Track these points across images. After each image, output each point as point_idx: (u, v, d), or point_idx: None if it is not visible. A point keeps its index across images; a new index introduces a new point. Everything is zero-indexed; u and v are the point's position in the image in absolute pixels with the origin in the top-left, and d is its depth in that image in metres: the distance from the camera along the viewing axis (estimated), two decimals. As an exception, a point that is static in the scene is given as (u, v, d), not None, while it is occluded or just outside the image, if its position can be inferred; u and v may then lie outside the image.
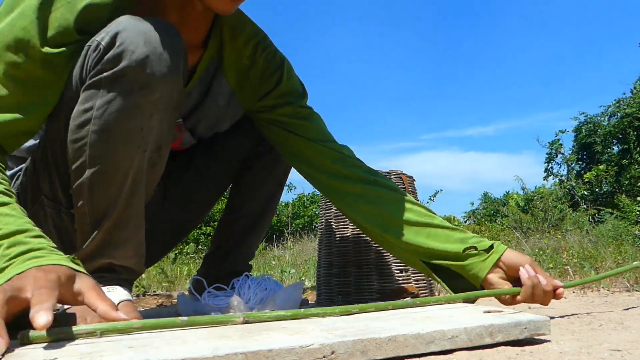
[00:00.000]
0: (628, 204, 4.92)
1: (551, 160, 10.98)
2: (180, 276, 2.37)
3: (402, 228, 0.88)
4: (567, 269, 1.79)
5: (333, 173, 0.93)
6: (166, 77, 0.68)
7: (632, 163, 8.75)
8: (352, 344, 0.50)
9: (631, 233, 3.24)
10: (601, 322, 0.84)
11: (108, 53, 0.65)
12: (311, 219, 8.31)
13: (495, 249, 0.84)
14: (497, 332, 0.60)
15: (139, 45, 0.65)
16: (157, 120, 0.70)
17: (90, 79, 0.67)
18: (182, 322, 0.56)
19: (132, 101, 0.67)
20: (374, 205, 0.91)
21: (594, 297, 1.29)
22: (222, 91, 0.93)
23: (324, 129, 0.98)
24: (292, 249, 4.12)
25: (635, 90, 9.95)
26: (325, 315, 0.65)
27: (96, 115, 0.66)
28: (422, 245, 0.87)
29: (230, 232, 1.13)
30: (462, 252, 0.84)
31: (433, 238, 0.87)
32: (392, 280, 1.29)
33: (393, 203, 0.90)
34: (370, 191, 0.92)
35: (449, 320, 0.61)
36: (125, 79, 0.66)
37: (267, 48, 0.93)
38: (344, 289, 1.31)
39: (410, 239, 0.87)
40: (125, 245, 0.74)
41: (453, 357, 0.59)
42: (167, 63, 0.67)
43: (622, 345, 0.62)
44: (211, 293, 0.95)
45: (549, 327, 0.64)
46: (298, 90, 0.97)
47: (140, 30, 0.66)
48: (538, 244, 3.25)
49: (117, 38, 0.65)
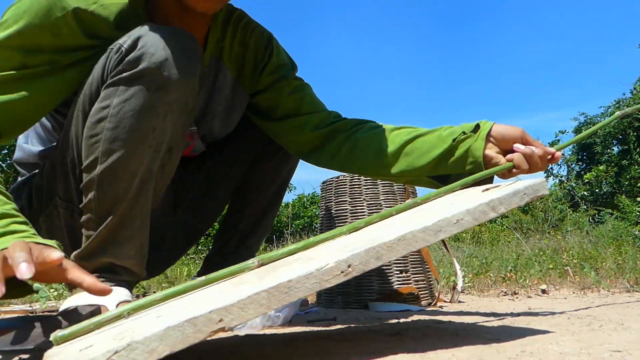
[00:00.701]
0: (628, 204, 4.92)
1: (551, 161, 10.97)
2: (180, 276, 2.37)
3: (399, 159, 0.88)
4: (567, 269, 1.79)
5: (322, 135, 0.95)
6: (182, 81, 0.70)
7: (632, 164, 8.75)
8: (364, 253, 0.52)
9: (631, 234, 3.24)
10: (601, 322, 0.84)
11: (129, 55, 0.69)
12: (311, 220, 8.31)
13: (482, 126, 0.82)
14: (498, 204, 0.60)
15: (159, 48, 0.69)
16: (171, 122, 0.73)
17: (111, 78, 0.70)
18: (200, 282, 0.56)
19: (148, 101, 0.69)
20: (364, 152, 0.92)
21: (594, 298, 1.29)
22: (226, 82, 0.96)
23: (315, 99, 0.99)
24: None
25: (635, 90, 9.96)
26: (335, 237, 0.65)
27: (112, 113, 0.69)
28: (423, 163, 0.86)
29: (231, 233, 1.13)
30: (454, 143, 0.83)
31: (427, 148, 0.86)
32: (392, 281, 1.29)
33: (380, 141, 0.90)
34: (355, 140, 0.92)
35: (451, 208, 0.61)
36: (143, 79, 0.69)
37: (254, 29, 0.96)
38: (344, 289, 1.31)
39: (411, 163, 0.87)
40: (127, 244, 0.74)
41: (453, 357, 0.59)
42: (184, 67, 0.70)
43: (623, 345, 0.62)
44: (211, 293, 0.95)
45: (546, 188, 0.64)
46: (287, 63, 0.99)
47: (160, 36, 0.69)
48: (538, 245, 3.25)
49: (138, 41, 0.69)
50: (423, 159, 0.86)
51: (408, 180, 0.93)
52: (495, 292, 1.59)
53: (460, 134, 0.83)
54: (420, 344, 0.69)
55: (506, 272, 1.86)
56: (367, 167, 0.92)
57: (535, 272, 1.84)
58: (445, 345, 0.67)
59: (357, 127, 0.94)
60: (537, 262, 2.09)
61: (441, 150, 0.83)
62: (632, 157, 8.74)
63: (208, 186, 1.10)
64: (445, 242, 1.43)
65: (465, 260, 2.39)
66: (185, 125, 0.77)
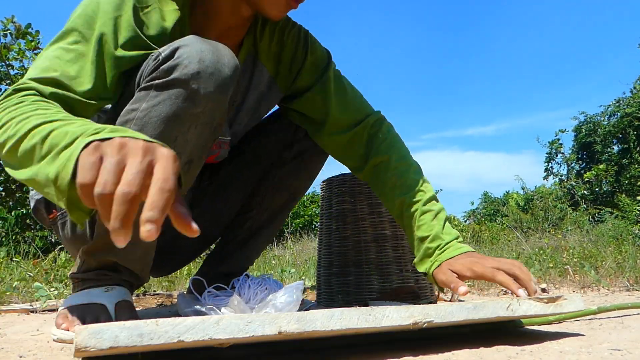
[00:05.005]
0: (628, 203, 4.93)
1: (551, 160, 10.99)
2: (180, 276, 2.37)
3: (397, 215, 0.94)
4: (567, 268, 1.79)
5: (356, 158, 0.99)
6: (211, 96, 0.71)
7: (632, 162, 8.75)
8: None
9: (631, 232, 3.24)
10: (601, 321, 0.84)
11: (165, 64, 0.70)
12: (311, 219, 8.31)
13: (437, 257, 0.86)
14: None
15: (193, 61, 0.69)
16: (194, 134, 0.73)
17: (144, 83, 0.71)
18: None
19: (174, 110, 0.70)
20: (377, 189, 0.98)
21: (593, 297, 1.29)
22: (262, 80, 0.97)
23: (348, 105, 0.99)
24: (292, 249, 4.12)
25: (635, 90, 9.95)
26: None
27: (138, 117, 0.70)
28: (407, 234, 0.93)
29: (233, 235, 1.12)
30: (415, 259, 0.91)
31: (409, 232, 0.92)
32: (392, 280, 1.29)
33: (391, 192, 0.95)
34: (377, 175, 0.97)
35: None
36: (173, 88, 0.69)
37: (292, 28, 0.97)
38: (344, 289, 1.31)
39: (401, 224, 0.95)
40: (133, 248, 0.75)
41: (453, 357, 0.59)
42: (216, 83, 0.71)
43: (622, 344, 0.62)
44: (211, 293, 0.94)
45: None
46: (323, 55, 1.00)
47: (198, 49, 0.70)
48: (538, 244, 3.25)
49: (176, 52, 0.70)
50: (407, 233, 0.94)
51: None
52: (495, 290, 1.59)
53: (423, 256, 0.88)
54: (420, 343, 0.69)
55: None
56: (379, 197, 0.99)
57: (535, 271, 1.84)
58: (446, 344, 0.67)
59: (385, 160, 0.97)
60: (537, 261, 2.08)
61: (412, 248, 0.92)
62: (632, 156, 8.74)
63: (223, 191, 1.10)
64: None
65: (465, 259, 2.39)
66: (208, 139, 0.77)
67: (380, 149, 0.97)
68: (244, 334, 0.52)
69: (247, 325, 0.53)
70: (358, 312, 0.58)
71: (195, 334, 0.50)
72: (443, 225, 0.89)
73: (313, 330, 0.55)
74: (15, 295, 1.45)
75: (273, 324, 0.54)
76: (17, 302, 1.40)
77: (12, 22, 3.75)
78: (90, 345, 0.46)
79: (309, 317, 0.56)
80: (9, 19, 3.74)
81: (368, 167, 0.97)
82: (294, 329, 0.54)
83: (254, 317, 0.53)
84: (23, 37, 3.79)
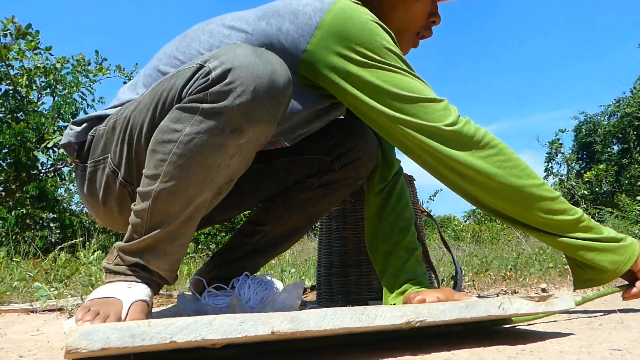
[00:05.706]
0: (628, 203, 4.93)
1: (551, 160, 10.97)
2: (180, 275, 2.37)
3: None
4: (567, 268, 1.79)
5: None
6: (260, 125, 0.69)
7: (632, 162, 8.75)
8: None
9: (631, 232, 3.24)
10: (601, 321, 0.84)
11: (216, 85, 0.66)
12: (311, 219, 8.27)
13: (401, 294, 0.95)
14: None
15: (247, 90, 0.66)
16: (238, 160, 0.72)
17: (190, 102, 0.68)
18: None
19: (220, 140, 0.68)
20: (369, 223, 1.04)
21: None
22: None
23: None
24: (292, 249, 4.12)
25: (635, 89, 9.95)
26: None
27: (182, 140, 0.68)
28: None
29: (240, 242, 1.09)
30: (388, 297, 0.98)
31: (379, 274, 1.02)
32: (392, 280, 1.29)
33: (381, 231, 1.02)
34: (381, 211, 1.03)
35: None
36: (221, 118, 0.67)
37: None
38: (344, 289, 1.31)
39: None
40: (164, 258, 0.75)
41: (453, 356, 0.59)
42: (267, 112, 0.68)
43: (622, 344, 0.62)
44: (211, 293, 0.94)
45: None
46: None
47: (254, 73, 0.66)
48: (538, 243, 3.24)
49: (229, 74, 0.66)
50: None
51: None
52: (495, 290, 1.59)
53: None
54: (420, 342, 0.69)
55: (506, 271, 1.86)
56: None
57: (535, 271, 1.84)
58: (445, 343, 0.67)
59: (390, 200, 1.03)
60: (537, 261, 2.09)
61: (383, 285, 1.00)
62: (632, 156, 8.74)
63: (240, 185, 1.05)
64: (445, 241, 1.43)
65: (466, 259, 2.39)
66: (251, 158, 0.76)
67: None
68: (237, 334, 0.52)
69: (240, 325, 0.53)
70: (351, 312, 0.58)
71: (187, 334, 0.50)
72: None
73: (306, 330, 0.55)
74: (15, 295, 1.45)
75: (266, 324, 0.54)
76: (17, 302, 1.40)
77: (12, 22, 3.76)
78: (81, 347, 0.46)
79: (302, 317, 0.55)
80: (9, 19, 3.75)
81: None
82: (286, 329, 0.54)
83: (247, 317, 0.53)
84: (23, 37, 3.80)
